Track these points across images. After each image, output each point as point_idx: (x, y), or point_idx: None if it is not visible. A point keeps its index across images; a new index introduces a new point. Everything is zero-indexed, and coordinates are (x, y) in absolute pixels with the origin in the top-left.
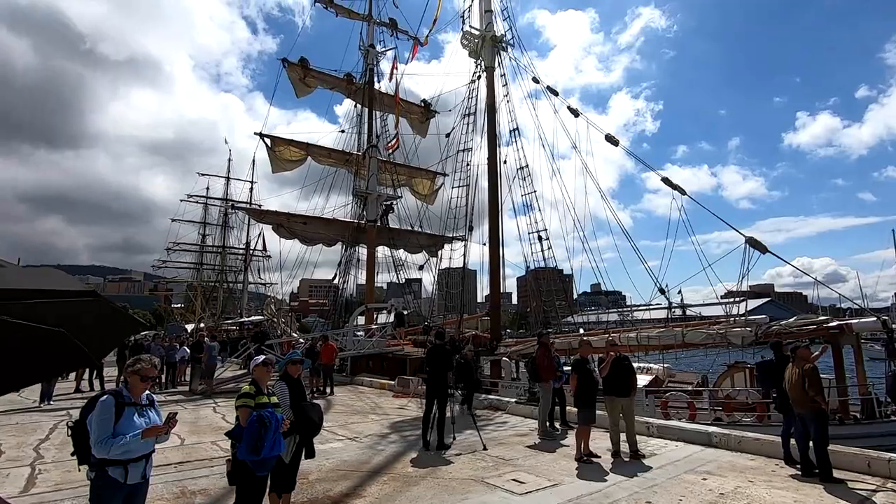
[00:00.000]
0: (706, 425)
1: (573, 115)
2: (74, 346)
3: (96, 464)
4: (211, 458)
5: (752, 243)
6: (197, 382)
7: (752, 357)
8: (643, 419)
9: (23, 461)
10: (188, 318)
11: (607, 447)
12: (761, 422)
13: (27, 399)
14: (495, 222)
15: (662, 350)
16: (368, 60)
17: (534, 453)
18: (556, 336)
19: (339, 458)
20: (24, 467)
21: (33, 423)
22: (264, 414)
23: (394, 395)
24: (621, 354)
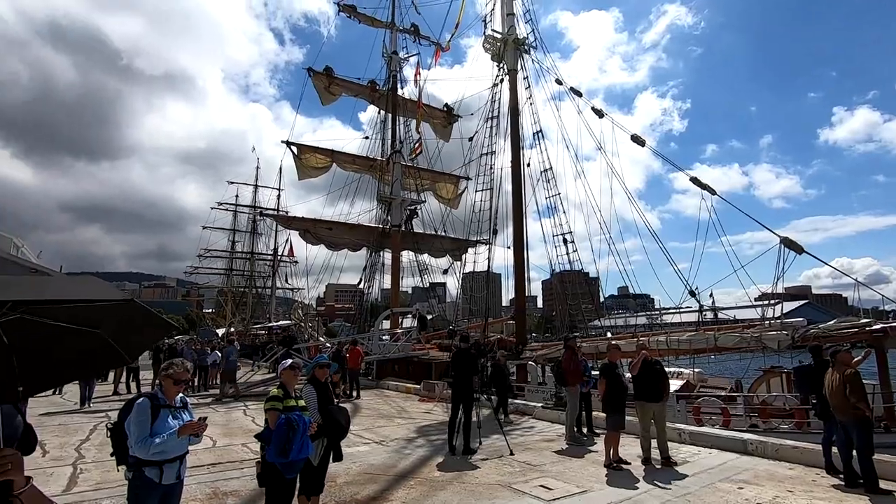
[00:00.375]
0: (741, 432)
1: (598, 115)
2: (110, 347)
3: (133, 464)
4: (242, 460)
5: (788, 243)
6: (228, 386)
7: (790, 362)
8: (675, 425)
9: (65, 461)
10: (219, 322)
11: (637, 453)
12: (800, 429)
13: (69, 401)
14: (519, 225)
15: (693, 354)
16: (391, 67)
17: (561, 459)
18: (583, 340)
19: (366, 462)
20: (67, 467)
21: (74, 424)
22: (292, 417)
23: (419, 399)
24: (652, 358)
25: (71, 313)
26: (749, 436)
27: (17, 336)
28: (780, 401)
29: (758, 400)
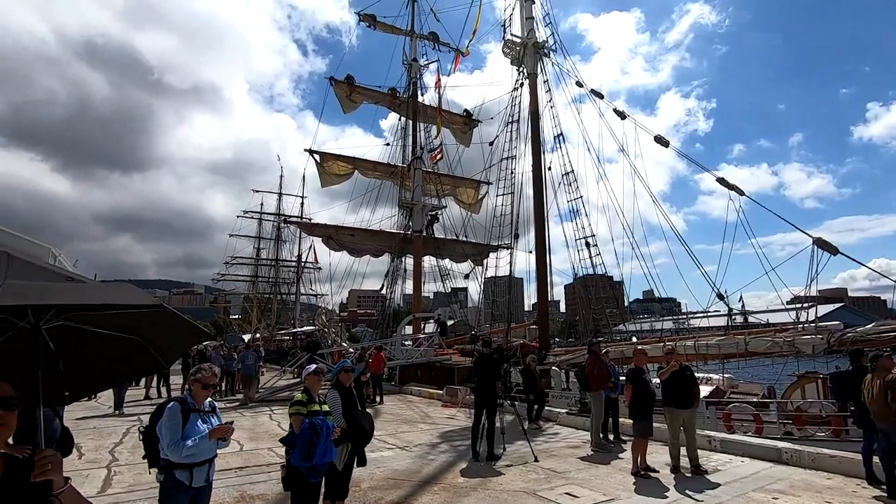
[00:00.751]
0: (775, 440)
1: (620, 117)
2: (147, 354)
3: (165, 467)
4: (268, 464)
5: (821, 244)
6: (254, 390)
7: (825, 367)
8: (705, 433)
9: (100, 463)
10: (245, 328)
11: (665, 461)
12: (838, 437)
13: (103, 405)
14: (541, 229)
15: (723, 359)
16: (412, 74)
17: (587, 466)
18: (608, 345)
19: (390, 467)
20: (101, 469)
21: (108, 427)
22: (316, 421)
23: (442, 404)
24: (682, 364)
25: (109, 320)
26: (784, 444)
27: (60, 342)
28: (816, 407)
29: (792, 406)
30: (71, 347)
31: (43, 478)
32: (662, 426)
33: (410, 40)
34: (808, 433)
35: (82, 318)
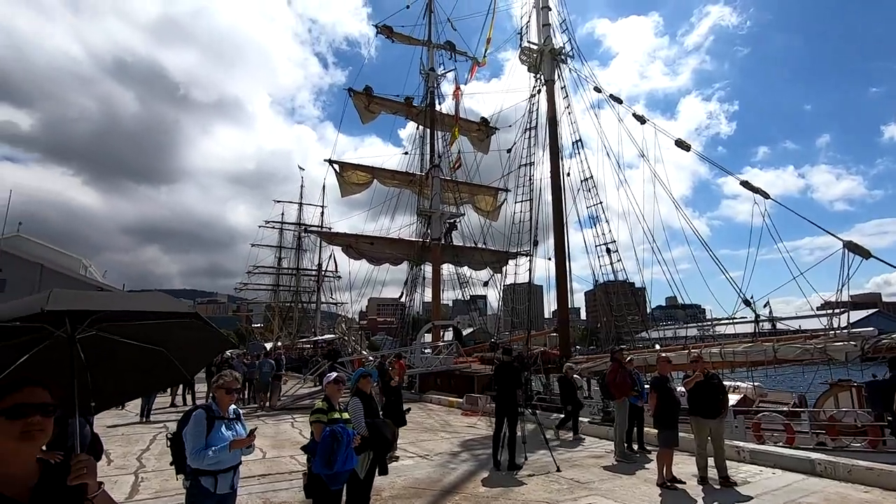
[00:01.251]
0: (808, 451)
1: (639, 122)
2: (172, 366)
3: (190, 473)
4: (290, 472)
5: (852, 248)
6: (277, 398)
7: (859, 375)
8: (733, 443)
9: (128, 469)
10: (267, 336)
11: (692, 472)
12: (875, 448)
13: (130, 412)
14: (560, 236)
15: (750, 367)
16: (429, 83)
17: (611, 476)
18: (631, 352)
19: (411, 476)
20: (129, 475)
21: (136, 434)
22: (336, 429)
23: (462, 412)
24: (709, 372)
25: (139, 331)
26: (817, 455)
27: (91, 353)
28: (851, 417)
29: (825, 416)
30: (100, 358)
31: (78, 481)
32: (689, 436)
33: (427, 50)
34: (843, 444)
35: (113, 329)
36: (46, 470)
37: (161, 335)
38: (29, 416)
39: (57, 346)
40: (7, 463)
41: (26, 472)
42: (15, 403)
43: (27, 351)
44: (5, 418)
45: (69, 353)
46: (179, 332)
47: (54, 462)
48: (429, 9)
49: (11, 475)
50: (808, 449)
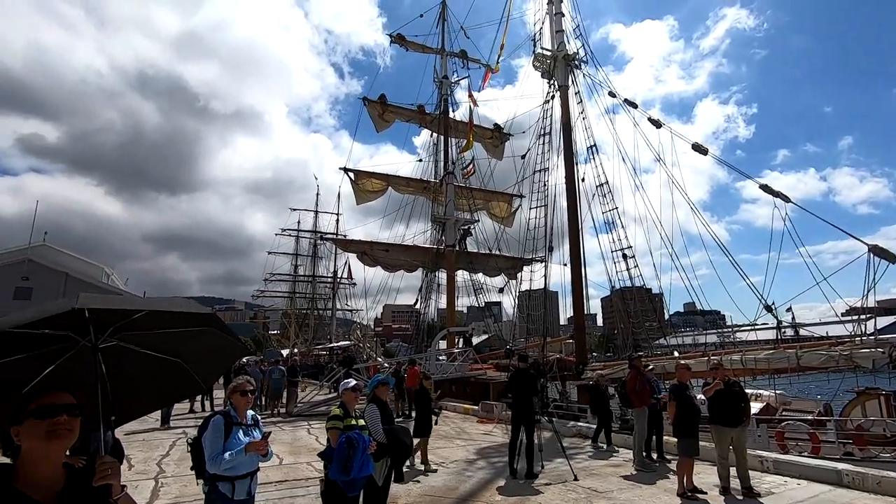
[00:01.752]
0: (834, 461)
1: (655, 126)
2: (190, 376)
3: (209, 479)
4: (307, 479)
5: (878, 252)
6: (293, 404)
7: (888, 382)
8: (756, 452)
9: (148, 474)
10: (284, 343)
11: (713, 482)
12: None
13: (150, 418)
14: (576, 241)
15: (773, 374)
16: (443, 91)
17: (630, 486)
18: (649, 359)
19: (426, 484)
20: (150, 480)
21: (156, 440)
22: (353, 435)
23: (478, 420)
24: (730, 379)
25: (159, 340)
26: (844, 466)
27: (111, 364)
28: (880, 426)
29: (852, 425)
30: (120, 370)
31: (103, 482)
32: (710, 445)
33: (441, 58)
34: (872, 454)
35: (134, 339)
36: (72, 474)
37: (179, 345)
38: (56, 415)
39: (79, 357)
40: (36, 465)
41: (54, 475)
42: (42, 404)
43: (53, 361)
44: (33, 418)
45: (91, 364)
46: (198, 342)
47: (79, 466)
48: (442, 17)
49: (40, 478)
50: (834, 459)
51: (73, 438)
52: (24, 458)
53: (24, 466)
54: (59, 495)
